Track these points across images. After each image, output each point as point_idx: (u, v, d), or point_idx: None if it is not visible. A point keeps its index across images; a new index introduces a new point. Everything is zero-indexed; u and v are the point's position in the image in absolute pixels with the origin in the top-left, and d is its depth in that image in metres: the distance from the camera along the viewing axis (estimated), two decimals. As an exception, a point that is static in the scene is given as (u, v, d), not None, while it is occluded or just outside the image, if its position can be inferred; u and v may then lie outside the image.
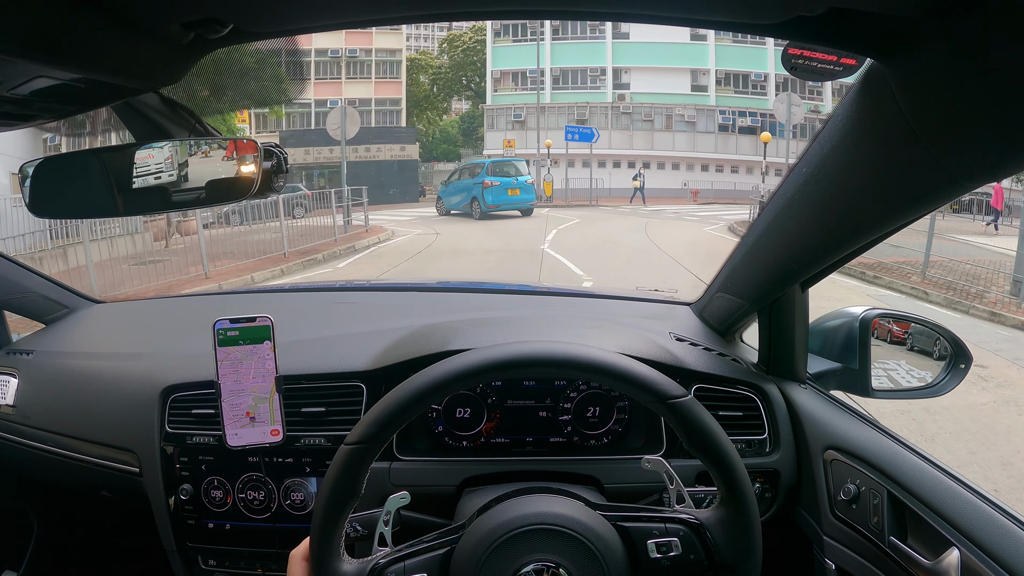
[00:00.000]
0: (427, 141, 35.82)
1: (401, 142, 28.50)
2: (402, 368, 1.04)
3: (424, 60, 34.70)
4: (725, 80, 26.67)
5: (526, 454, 1.06)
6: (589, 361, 0.69)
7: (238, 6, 0.50)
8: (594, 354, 0.69)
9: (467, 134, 36.27)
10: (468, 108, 38.24)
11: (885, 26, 0.49)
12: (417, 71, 33.51)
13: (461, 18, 0.63)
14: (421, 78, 33.91)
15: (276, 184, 0.72)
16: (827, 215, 0.74)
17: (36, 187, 0.70)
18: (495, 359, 0.68)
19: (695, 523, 0.71)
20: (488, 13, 0.58)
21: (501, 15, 0.57)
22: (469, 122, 36.72)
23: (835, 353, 1.08)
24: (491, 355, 0.68)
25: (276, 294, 1.62)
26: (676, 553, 0.69)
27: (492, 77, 29.97)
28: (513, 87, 29.69)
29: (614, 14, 0.65)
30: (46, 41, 0.45)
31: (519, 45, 28.48)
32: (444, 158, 35.96)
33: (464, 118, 38.16)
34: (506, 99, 29.39)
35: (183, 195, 0.71)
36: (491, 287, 1.73)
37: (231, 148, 0.70)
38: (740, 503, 0.69)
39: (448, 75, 34.31)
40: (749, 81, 26.62)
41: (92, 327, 1.40)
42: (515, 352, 0.69)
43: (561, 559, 0.66)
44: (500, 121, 29.25)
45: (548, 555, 0.66)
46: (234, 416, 0.94)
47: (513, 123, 28.71)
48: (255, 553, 1.06)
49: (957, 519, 0.74)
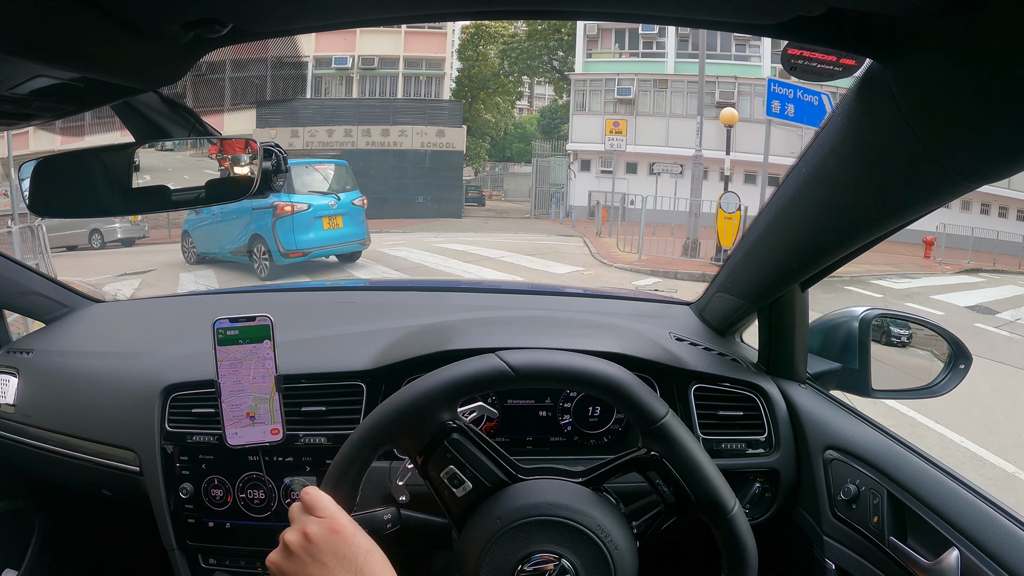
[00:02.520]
0: (496, 136, 27.54)
1: (439, 123, 18.60)
2: (402, 367, 1.04)
3: (493, 28, 23.43)
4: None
5: (526, 454, 1.06)
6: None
7: (238, 6, 0.50)
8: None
9: (548, 132, 26.44)
10: (549, 101, 29.82)
11: (885, 26, 0.49)
12: (484, 41, 24.04)
13: (461, 18, 0.64)
14: (488, 50, 24.26)
15: (275, 183, 0.72)
16: (827, 215, 0.74)
17: (36, 186, 0.70)
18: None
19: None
20: (488, 13, 0.58)
21: (501, 15, 0.57)
22: (551, 117, 28.14)
23: (835, 353, 1.08)
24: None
25: (276, 293, 1.62)
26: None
27: (585, 35, 19.73)
28: (616, 51, 19.78)
29: (614, 14, 0.65)
30: (46, 41, 0.45)
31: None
32: (520, 159, 28.17)
33: (545, 112, 29.77)
34: (605, 67, 19.40)
35: (182, 194, 0.71)
36: (491, 287, 1.74)
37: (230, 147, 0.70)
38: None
39: (523, 46, 24.12)
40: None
41: (92, 326, 1.40)
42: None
43: (564, 551, 0.66)
44: (595, 100, 19.37)
45: (552, 546, 0.66)
46: (234, 415, 0.95)
47: (616, 103, 18.98)
48: (255, 552, 1.06)
49: (957, 519, 0.74)
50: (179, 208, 0.75)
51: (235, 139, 0.72)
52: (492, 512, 0.68)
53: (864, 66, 0.57)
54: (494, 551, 0.66)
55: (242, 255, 8.72)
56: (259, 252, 8.42)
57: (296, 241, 8.19)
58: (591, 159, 19.82)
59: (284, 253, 8.14)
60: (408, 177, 18.10)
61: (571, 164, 20.09)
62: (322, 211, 8.44)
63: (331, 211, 8.56)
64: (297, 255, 8.24)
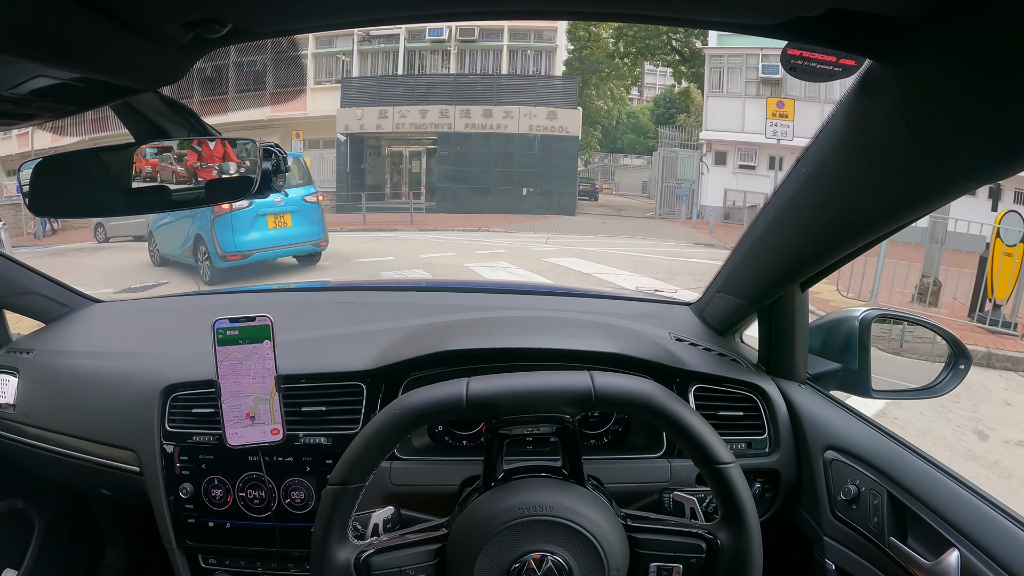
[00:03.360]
0: (608, 125, 25.04)
1: (550, 103, 15.77)
2: (402, 368, 1.04)
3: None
4: None
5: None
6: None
7: (237, 6, 0.50)
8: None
9: (663, 122, 23.29)
10: (662, 90, 26.87)
11: (884, 26, 0.49)
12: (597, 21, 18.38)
13: (461, 18, 0.64)
14: (600, 31, 21.00)
15: (275, 183, 0.72)
16: (827, 215, 0.74)
17: (36, 186, 0.70)
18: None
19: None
20: (488, 13, 0.58)
21: (501, 15, 0.57)
22: (666, 106, 25.38)
23: (835, 353, 1.08)
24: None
25: (276, 294, 1.62)
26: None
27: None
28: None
29: (615, 14, 0.65)
30: (45, 41, 0.45)
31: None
32: (631, 150, 26.01)
33: (660, 101, 26.83)
34: (746, 40, 14.40)
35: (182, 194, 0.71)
36: (491, 287, 1.73)
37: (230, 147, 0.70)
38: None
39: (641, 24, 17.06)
40: None
41: (92, 326, 1.40)
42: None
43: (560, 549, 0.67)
44: (733, 80, 15.79)
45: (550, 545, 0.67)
46: (234, 416, 0.95)
47: (760, 83, 15.35)
48: (255, 552, 1.06)
49: (957, 519, 0.74)
50: (179, 207, 0.75)
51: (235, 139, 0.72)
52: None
53: (864, 66, 0.57)
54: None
55: (189, 257, 7.75)
56: (201, 254, 7.43)
57: (236, 242, 7.12)
58: (728, 151, 16.26)
59: (222, 255, 7.12)
60: (513, 165, 15.35)
61: (703, 156, 16.72)
62: (265, 208, 7.26)
63: (276, 208, 7.37)
64: (236, 257, 7.16)
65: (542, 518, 0.68)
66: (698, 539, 0.71)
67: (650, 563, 0.71)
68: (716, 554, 0.70)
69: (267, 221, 7.39)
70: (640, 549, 0.72)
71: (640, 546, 0.72)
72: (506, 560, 0.67)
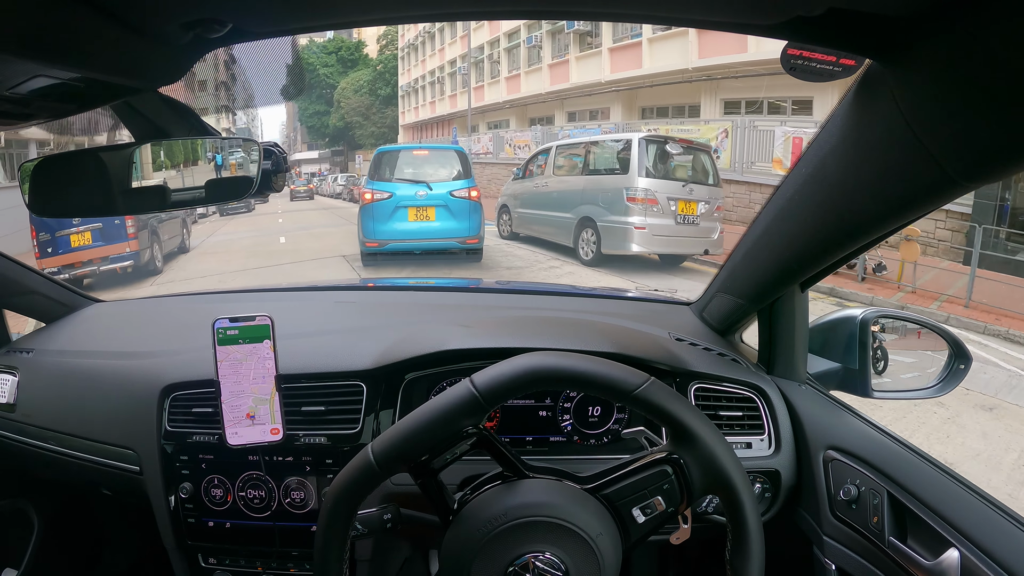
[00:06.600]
0: None
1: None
2: (402, 367, 1.04)
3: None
4: None
5: (527, 453, 1.06)
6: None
7: (237, 6, 0.50)
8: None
9: None
10: None
11: (884, 26, 0.49)
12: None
13: (461, 18, 0.64)
14: None
15: (275, 183, 0.72)
16: (826, 215, 0.74)
17: (36, 186, 0.70)
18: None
19: (673, 458, 0.69)
20: (488, 13, 0.58)
21: (501, 15, 0.57)
22: None
23: (835, 353, 1.08)
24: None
25: (276, 293, 1.61)
26: (660, 511, 0.70)
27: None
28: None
29: (614, 14, 0.65)
30: (45, 40, 0.45)
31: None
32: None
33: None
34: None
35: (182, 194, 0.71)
36: (491, 287, 1.73)
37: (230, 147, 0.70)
38: (701, 443, 0.68)
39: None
40: None
41: (92, 326, 1.40)
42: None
43: (554, 548, 0.67)
44: None
45: (543, 546, 0.67)
46: (234, 415, 0.95)
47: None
48: (255, 551, 1.06)
49: (957, 519, 0.74)
50: (178, 207, 0.75)
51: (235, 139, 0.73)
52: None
53: (864, 66, 0.57)
54: (485, 551, 0.67)
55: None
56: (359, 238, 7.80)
57: (375, 231, 7.38)
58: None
59: (362, 241, 7.51)
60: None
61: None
62: (406, 200, 7.35)
63: (418, 201, 7.39)
64: (373, 244, 7.42)
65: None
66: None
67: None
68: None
69: (407, 213, 7.40)
70: (616, 502, 0.70)
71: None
72: (504, 560, 0.67)
